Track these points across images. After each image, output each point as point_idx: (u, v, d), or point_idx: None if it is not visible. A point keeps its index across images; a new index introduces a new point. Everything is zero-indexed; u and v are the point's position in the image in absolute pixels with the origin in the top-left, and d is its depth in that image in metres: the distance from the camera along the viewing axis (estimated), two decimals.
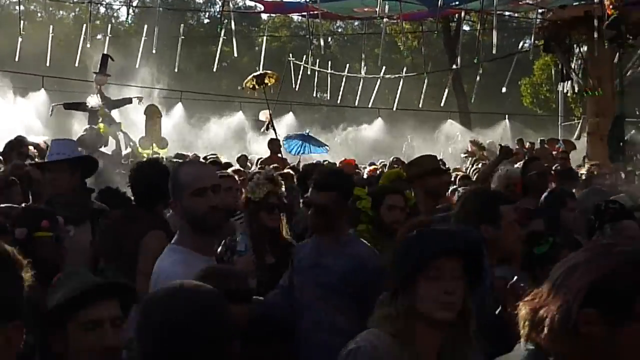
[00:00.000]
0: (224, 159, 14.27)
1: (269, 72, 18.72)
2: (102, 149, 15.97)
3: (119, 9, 54.58)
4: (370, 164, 17.12)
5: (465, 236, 3.58)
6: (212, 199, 3.68)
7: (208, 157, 13.74)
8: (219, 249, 4.85)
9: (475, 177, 10.42)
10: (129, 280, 4.42)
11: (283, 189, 5.59)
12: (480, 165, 14.00)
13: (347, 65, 29.89)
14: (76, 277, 3.05)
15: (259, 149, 20.34)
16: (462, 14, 24.89)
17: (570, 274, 1.94)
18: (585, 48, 20.17)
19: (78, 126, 19.66)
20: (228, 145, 23.62)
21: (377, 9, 20.63)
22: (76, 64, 24.48)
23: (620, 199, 6.74)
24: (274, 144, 15.95)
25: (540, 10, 21.20)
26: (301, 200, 6.50)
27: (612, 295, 1.86)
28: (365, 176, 12.52)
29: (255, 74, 18.54)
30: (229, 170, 8.68)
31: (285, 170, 9.25)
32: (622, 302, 1.85)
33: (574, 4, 20.04)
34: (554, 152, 20.96)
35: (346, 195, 4.62)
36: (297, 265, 4.63)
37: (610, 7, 16.53)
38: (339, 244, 4.51)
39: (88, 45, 23.56)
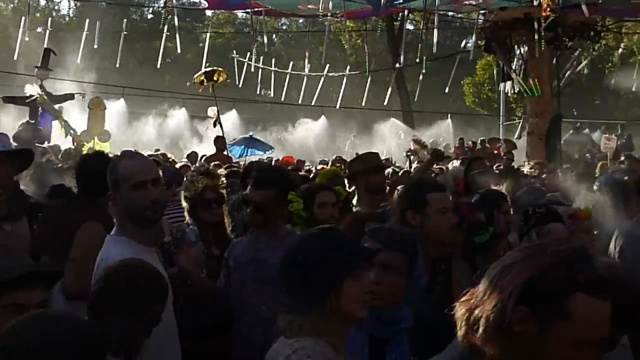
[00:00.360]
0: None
1: (219, 68, 18.58)
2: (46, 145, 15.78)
3: (60, 1, 53.67)
4: (321, 162, 17.21)
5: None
6: (152, 193, 3.64)
7: (152, 156, 13.57)
8: (165, 239, 4.79)
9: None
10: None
11: (223, 179, 5.55)
12: (417, 164, 14.21)
13: (292, 62, 29.81)
14: (6, 257, 3.00)
15: (197, 148, 20.25)
16: (406, 13, 24.96)
17: (505, 273, 1.97)
18: (525, 49, 20.47)
19: (6, 121, 19.16)
20: (164, 143, 23.37)
21: (321, 6, 20.57)
22: (15, 58, 23.91)
23: (553, 198, 6.90)
24: (219, 142, 15.89)
25: (482, 11, 21.45)
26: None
27: (544, 294, 1.89)
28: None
29: (206, 69, 18.36)
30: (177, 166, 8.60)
31: (228, 169, 9.18)
32: (553, 301, 1.89)
33: (515, 5, 20.35)
34: (495, 152, 21.30)
35: (285, 191, 4.64)
36: (234, 263, 4.60)
37: (547, 9, 16.86)
38: (278, 238, 4.47)
39: (27, 39, 23.02)
